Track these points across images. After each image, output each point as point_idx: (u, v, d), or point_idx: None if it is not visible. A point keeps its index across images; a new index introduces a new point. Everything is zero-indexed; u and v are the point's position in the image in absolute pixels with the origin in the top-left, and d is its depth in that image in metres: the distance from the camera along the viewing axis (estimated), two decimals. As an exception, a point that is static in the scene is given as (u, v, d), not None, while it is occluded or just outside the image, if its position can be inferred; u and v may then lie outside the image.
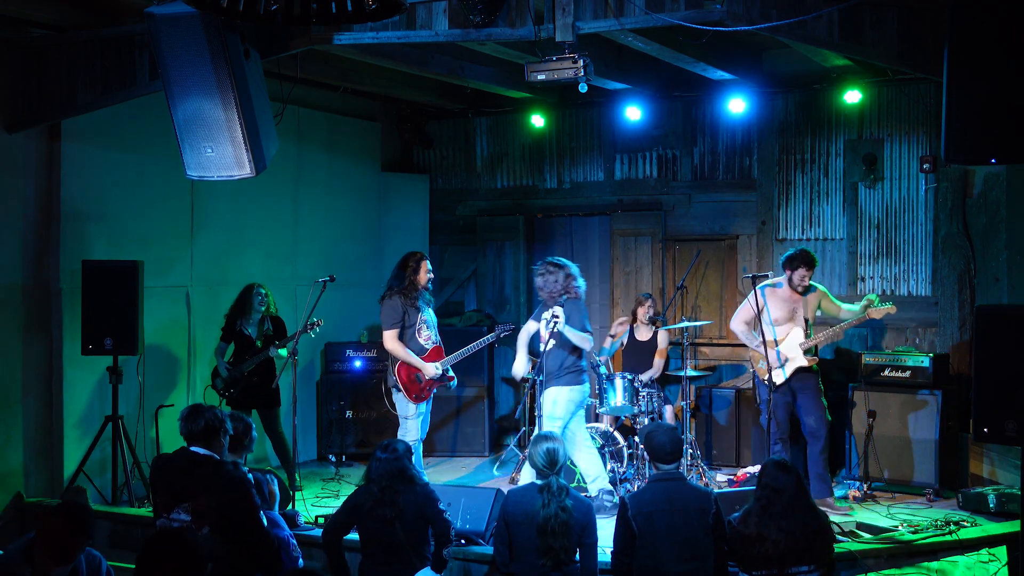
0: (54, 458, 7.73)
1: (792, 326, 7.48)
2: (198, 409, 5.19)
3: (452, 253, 10.94)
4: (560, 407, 7.19)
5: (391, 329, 7.35)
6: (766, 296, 7.47)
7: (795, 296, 7.52)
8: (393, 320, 7.35)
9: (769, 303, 7.45)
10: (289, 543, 5.42)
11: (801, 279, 7.46)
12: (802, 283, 7.48)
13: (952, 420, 7.99)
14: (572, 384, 7.24)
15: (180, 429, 5.18)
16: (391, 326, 7.35)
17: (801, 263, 7.46)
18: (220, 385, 8.13)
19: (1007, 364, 5.49)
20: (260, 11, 4.02)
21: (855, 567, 6.17)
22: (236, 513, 4.95)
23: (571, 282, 7.32)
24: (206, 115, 6.39)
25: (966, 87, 5.24)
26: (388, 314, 7.37)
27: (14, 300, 7.54)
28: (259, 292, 8.25)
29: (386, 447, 5.46)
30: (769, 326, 7.41)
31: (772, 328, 7.42)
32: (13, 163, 7.51)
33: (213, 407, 5.26)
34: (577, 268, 7.45)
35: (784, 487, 5.00)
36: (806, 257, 7.48)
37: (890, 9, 6.14)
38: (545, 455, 5.31)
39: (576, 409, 7.31)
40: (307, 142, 9.65)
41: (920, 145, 8.88)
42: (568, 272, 7.33)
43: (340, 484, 8.47)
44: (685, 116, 9.86)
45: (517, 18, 6.44)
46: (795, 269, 7.48)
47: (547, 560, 5.12)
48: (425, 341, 7.47)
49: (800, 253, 7.52)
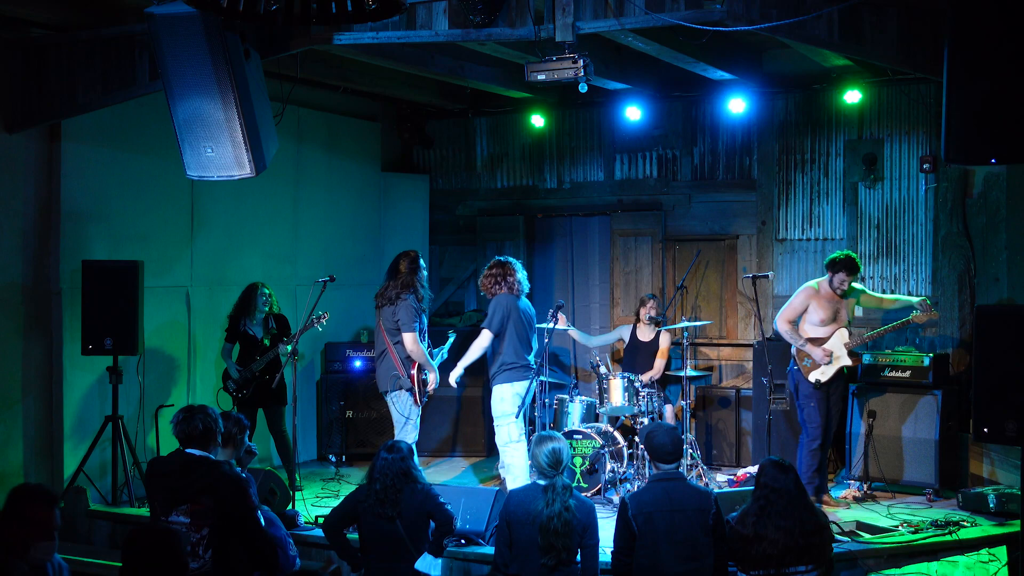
0: (54, 458, 7.73)
1: (837, 326, 7.57)
2: (191, 411, 5.16)
3: (452, 253, 10.94)
4: (507, 403, 7.38)
5: (413, 332, 7.27)
6: (809, 298, 7.60)
7: (836, 297, 7.58)
8: (414, 321, 7.29)
9: (813, 304, 7.58)
10: (286, 542, 5.42)
11: (840, 283, 7.50)
12: (841, 287, 7.52)
13: (952, 420, 7.99)
14: (512, 380, 7.41)
15: (174, 431, 5.16)
16: (412, 328, 7.28)
17: (843, 268, 7.47)
18: (232, 387, 8.12)
19: (1007, 364, 5.50)
20: (260, 11, 4.02)
21: (855, 567, 6.17)
22: (234, 513, 4.95)
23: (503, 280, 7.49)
24: (206, 115, 6.39)
25: (966, 87, 5.24)
26: (410, 315, 7.27)
27: (14, 300, 7.54)
28: (263, 292, 8.25)
29: (391, 447, 5.48)
30: (815, 327, 7.57)
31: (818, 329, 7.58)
32: (13, 163, 7.51)
33: (205, 408, 5.20)
34: (519, 264, 7.64)
35: (783, 487, 5.01)
36: (849, 263, 7.46)
37: (890, 9, 6.15)
38: (550, 455, 5.31)
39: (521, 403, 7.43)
40: (307, 142, 9.65)
41: (920, 145, 8.88)
42: (503, 270, 7.51)
43: (340, 484, 8.47)
44: (685, 116, 9.87)
45: (517, 18, 6.44)
46: (836, 273, 7.50)
47: (549, 559, 5.12)
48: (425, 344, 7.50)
49: (844, 259, 7.51)
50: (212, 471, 5.03)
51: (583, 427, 8.00)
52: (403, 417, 7.37)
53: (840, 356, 7.53)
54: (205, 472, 5.01)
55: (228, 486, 4.98)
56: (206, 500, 4.92)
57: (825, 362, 7.49)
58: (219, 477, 5.01)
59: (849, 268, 7.47)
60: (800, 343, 7.56)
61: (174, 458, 5.17)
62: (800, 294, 7.68)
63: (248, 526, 4.99)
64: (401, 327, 7.30)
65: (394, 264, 7.52)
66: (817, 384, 7.52)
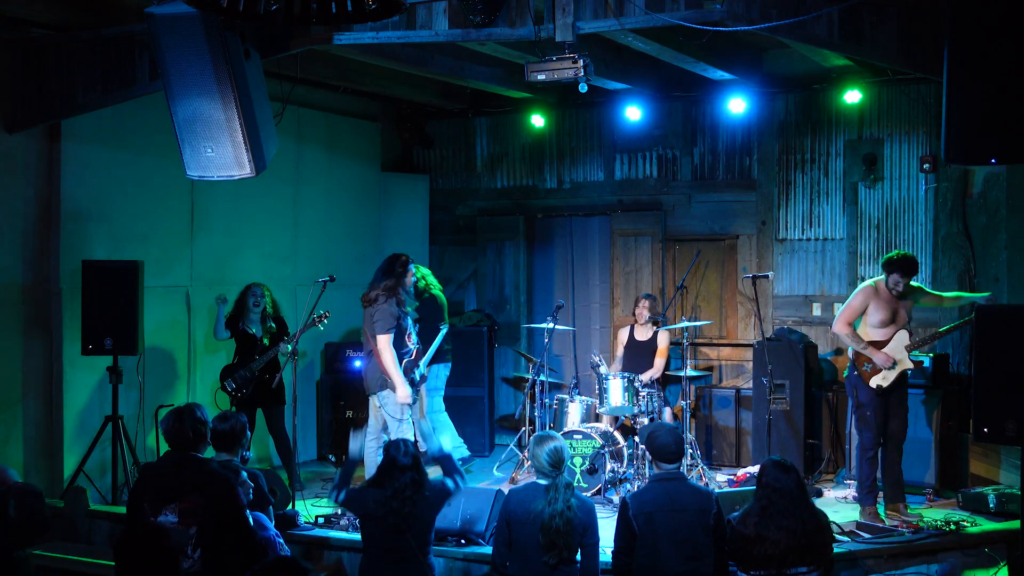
0: (54, 458, 7.73)
1: (896, 328, 7.16)
2: (180, 415, 5.14)
3: (452, 253, 10.94)
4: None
5: (387, 334, 7.27)
6: (868, 297, 7.17)
7: (893, 297, 7.17)
8: (390, 325, 7.28)
9: (872, 305, 7.16)
10: (275, 543, 5.42)
11: (895, 284, 7.07)
12: (896, 287, 7.08)
13: (952, 420, 7.98)
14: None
15: (164, 436, 5.15)
16: (387, 331, 7.27)
17: (897, 269, 7.03)
18: (232, 387, 8.11)
19: (1007, 364, 5.50)
20: (260, 11, 4.02)
21: (855, 567, 6.17)
22: (223, 512, 4.93)
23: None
24: (206, 115, 6.39)
25: (966, 87, 5.25)
26: (386, 319, 7.26)
27: (14, 300, 7.54)
28: (254, 293, 8.24)
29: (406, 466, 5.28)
30: (875, 328, 7.17)
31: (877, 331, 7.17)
32: (13, 163, 7.51)
33: (192, 410, 5.18)
34: (413, 267, 7.61)
35: (785, 487, 5.00)
36: (903, 263, 7.03)
37: (890, 9, 6.15)
38: (551, 454, 5.30)
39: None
40: (307, 142, 9.65)
41: (920, 145, 8.88)
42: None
43: (340, 484, 8.45)
44: (685, 116, 9.86)
45: (517, 18, 6.44)
46: (890, 273, 7.08)
47: (550, 558, 5.12)
48: (411, 344, 7.47)
49: (898, 259, 7.07)
50: (202, 469, 5.03)
51: (583, 427, 8.00)
52: (396, 419, 7.33)
53: (902, 359, 7.11)
54: (196, 470, 5.02)
55: (218, 485, 4.98)
56: (196, 498, 4.91)
57: (887, 366, 7.05)
58: (209, 475, 5.01)
59: (904, 269, 7.01)
60: (861, 346, 7.12)
61: (165, 460, 5.18)
62: (859, 294, 7.20)
63: (238, 525, 4.98)
64: (377, 328, 7.28)
65: (381, 266, 7.52)
66: (879, 390, 7.08)
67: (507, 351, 10.43)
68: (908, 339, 7.13)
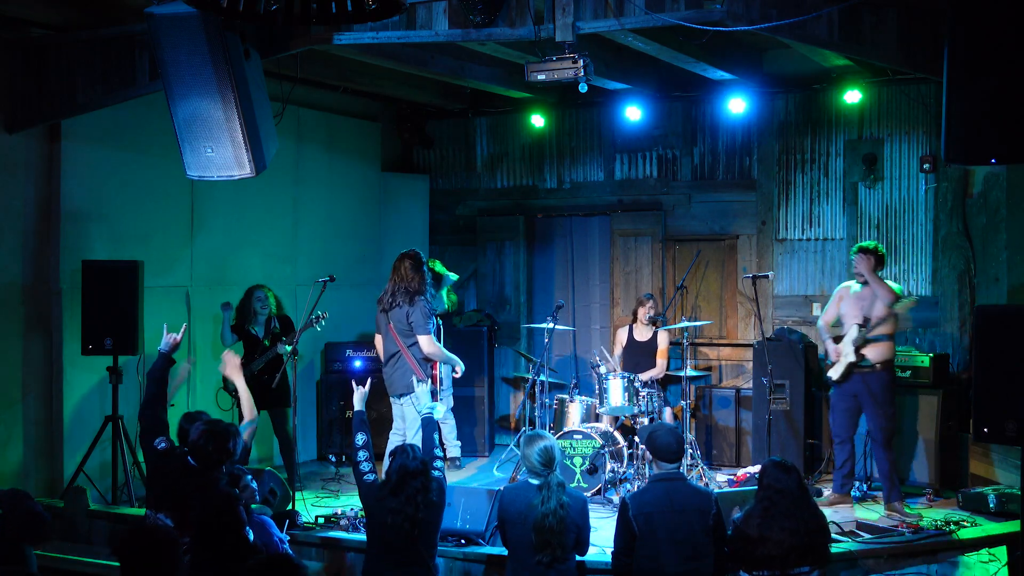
0: (54, 458, 7.74)
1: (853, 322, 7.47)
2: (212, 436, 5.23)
3: (452, 253, 10.94)
4: None
5: (428, 334, 7.27)
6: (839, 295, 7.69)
7: (858, 296, 7.53)
8: (428, 322, 7.29)
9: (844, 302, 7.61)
10: (281, 549, 5.41)
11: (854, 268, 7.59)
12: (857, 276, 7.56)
13: (952, 420, 7.99)
14: None
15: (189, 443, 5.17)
16: (427, 330, 7.26)
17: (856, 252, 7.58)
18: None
19: (1007, 364, 5.49)
20: (260, 11, 4.02)
21: (855, 567, 6.17)
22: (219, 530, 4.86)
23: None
24: (206, 115, 6.39)
25: (966, 87, 5.25)
26: (424, 317, 7.26)
27: (14, 300, 7.54)
28: (258, 296, 8.25)
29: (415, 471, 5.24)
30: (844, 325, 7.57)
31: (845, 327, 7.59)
32: (13, 163, 7.51)
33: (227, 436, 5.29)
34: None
35: (786, 488, 5.00)
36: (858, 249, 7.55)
37: (890, 9, 6.15)
38: (542, 453, 5.30)
39: None
40: (307, 142, 9.65)
41: (920, 145, 8.88)
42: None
43: (340, 484, 8.46)
44: (685, 116, 9.86)
45: (517, 18, 6.44)
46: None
47: (544, 556, 5.12)
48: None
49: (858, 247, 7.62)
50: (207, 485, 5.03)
51: (583, 427, 8.00)
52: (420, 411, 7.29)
53: (847, 353, 7.38)
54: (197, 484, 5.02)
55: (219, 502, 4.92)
56: (193, 512, 4.88)
57: (835, 359, 7.50)
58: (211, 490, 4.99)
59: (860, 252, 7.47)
60: (822, 340, 7.67)
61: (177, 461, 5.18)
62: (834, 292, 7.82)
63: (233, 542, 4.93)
64: (416, 329, 7.25)
65: (397, 265, 7.43)
66: (829, 382, 7.59)
67: (507, 351, 10.43)
68: (856, 332, 7.36)
